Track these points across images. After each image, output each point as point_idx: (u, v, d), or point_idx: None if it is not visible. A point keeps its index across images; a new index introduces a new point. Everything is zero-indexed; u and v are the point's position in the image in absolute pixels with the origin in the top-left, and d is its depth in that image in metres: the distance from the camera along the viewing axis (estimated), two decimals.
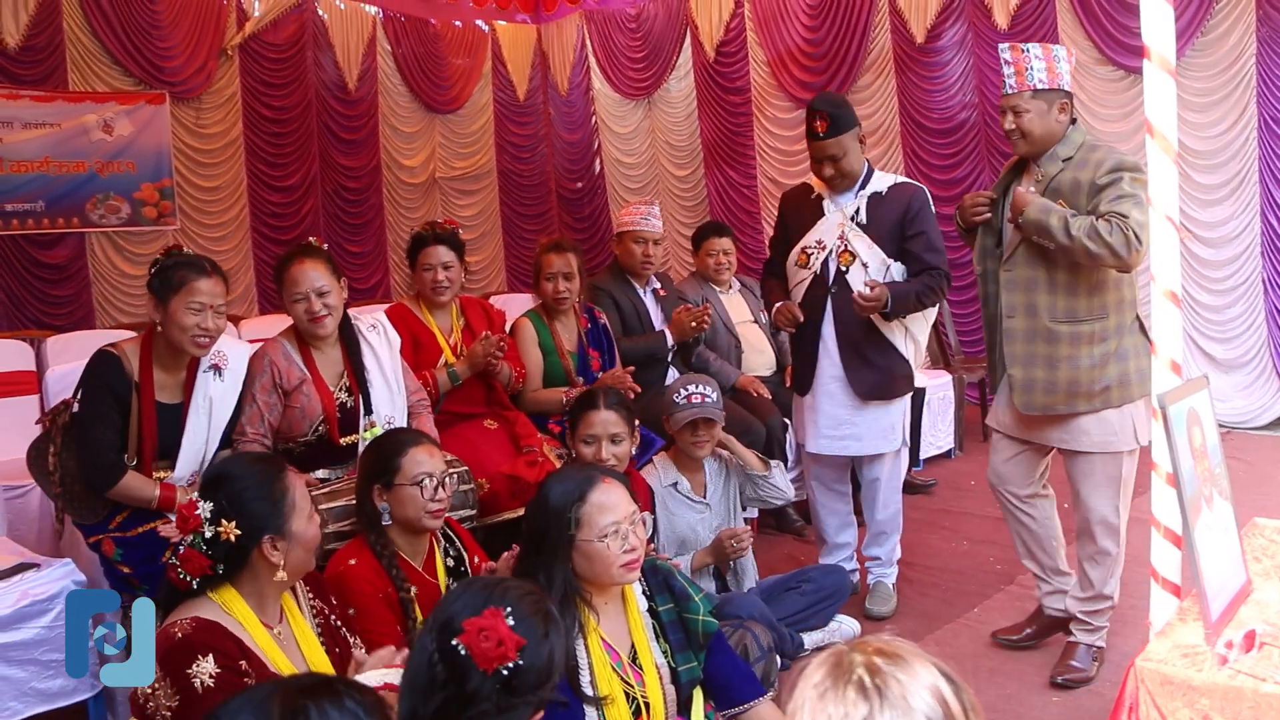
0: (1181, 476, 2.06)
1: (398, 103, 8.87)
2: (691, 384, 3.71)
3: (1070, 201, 3.16)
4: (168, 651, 1.95)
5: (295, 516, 2.17)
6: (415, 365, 3.81)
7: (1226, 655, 1.94)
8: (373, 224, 8.77)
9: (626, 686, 2.29)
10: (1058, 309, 3.21)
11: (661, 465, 3.78)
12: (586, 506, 2.31)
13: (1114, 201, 3.08)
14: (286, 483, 2.19)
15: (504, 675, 1.63)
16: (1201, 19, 6.29)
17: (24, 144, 6.73)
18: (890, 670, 1.17)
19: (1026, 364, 3.27)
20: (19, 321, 6.75)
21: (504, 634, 1.63)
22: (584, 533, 2.30)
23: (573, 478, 2.40)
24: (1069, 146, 3.23)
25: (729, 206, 8.71)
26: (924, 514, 5.13)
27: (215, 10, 7.65)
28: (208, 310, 3.10)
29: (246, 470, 2.21)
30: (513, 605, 1.68)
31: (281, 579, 2.15)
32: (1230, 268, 6.45)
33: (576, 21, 9.56)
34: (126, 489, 3.08)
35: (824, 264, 3.82)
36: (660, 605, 2.47)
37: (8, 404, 4.43)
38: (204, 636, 2.00)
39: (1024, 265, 3.26)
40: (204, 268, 3.15)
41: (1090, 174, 3.15)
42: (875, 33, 7.76)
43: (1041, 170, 3.26)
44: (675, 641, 2.44)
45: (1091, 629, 3.37)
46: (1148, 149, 2.26)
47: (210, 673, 1.94)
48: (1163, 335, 2.30)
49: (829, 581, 3.68)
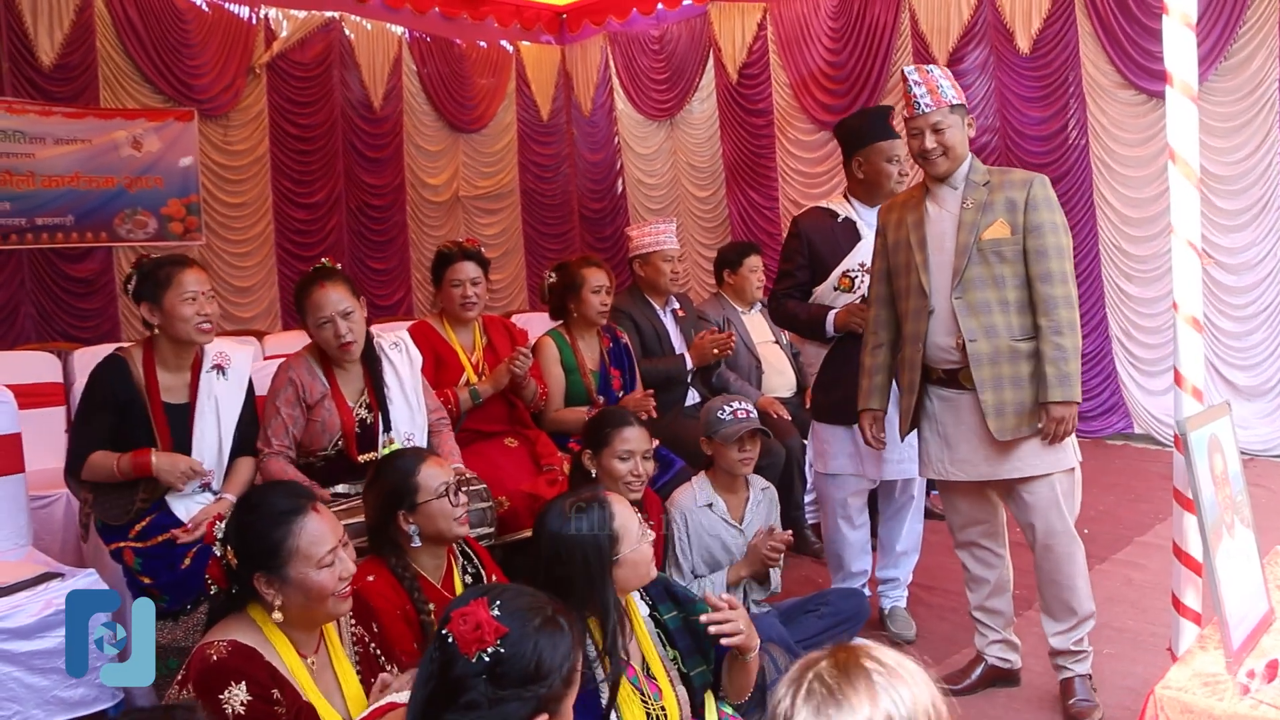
0: (1202, 503, 2.06)
1: (422, 122, 8.94)
2: (734, 401, 3.67)
3: (1010, 220, 3.16)
4: (202, 674, 1.97)
5: (297, 562, 2.09)
6: (437, 383, 3.84)
7: (1248, 685, 1.93)
8: (396, 241, 8.82)
9: (644, 700, 2.28)
10: (1014, 327, 3.17)
11: (698, 485, 3.72)
12: (618, 521, 2.33)
13: (1038, 260, 3.14)
14: (296, 528, 2.12)
15: (486, 662, 1.60)
16: (1225, 44, 6.28)
17: (56, 159, 6.82)
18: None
19: (995, 387, 3.18)
20: (47, 334, 6.82)
21: (483, 619, 1.61)
22: (624, 547, 2.32)
23: (591, 514, 2.35)
24: (980, 172, 3.26)
25: (750, 228, 8.71)
26: (942, 537, 5.05)
27: (244, 30, 7.74)
28: (201, 297, 3.23)
29: (266, 504, 2.18)
30: (503, 599, 1.67)
31: (278, 619, 2.09)
32: (1252, 294, 6.40)
33: (600, 43, 9.62)
34: (93, 465, 3.21)
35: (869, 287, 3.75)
36: (665, 613, 2.47)
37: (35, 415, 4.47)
38: (239, 662, 2.00)
39: (976, 289, 3.20)
40: (185, 261, 3.29)
41: (1019, 193, 3.17)
42: (897, 55, 7.77)
43: (969, 197, 3.23)
44: (685, 647, 2.44)
45: (1081, 656, 3.28)
46: (1170, 174, 2.28)
47: (242, 700, 1.95)
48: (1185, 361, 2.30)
49: (847, 605, 3.66)
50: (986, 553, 3.44)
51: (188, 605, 3.07)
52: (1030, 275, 3.15)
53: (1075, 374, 3.09)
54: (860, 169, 3.89)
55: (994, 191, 3.21)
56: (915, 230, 3.31)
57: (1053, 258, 3.12)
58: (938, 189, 3.30)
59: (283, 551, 2.09)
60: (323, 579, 2.10)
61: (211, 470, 3.31)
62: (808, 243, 3.92)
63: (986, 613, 3.47)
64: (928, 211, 3.31)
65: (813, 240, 3.92)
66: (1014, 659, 3.48)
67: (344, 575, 2.14)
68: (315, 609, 2.12)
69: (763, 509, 3.75)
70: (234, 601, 2.14)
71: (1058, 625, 3.30)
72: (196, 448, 3.29)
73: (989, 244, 3.18)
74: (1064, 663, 3.30)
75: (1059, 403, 3.08)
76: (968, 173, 3.26)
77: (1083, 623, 3.28)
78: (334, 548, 2.14)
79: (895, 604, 4.10)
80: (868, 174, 3.88)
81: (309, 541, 2.11)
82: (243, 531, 2.13)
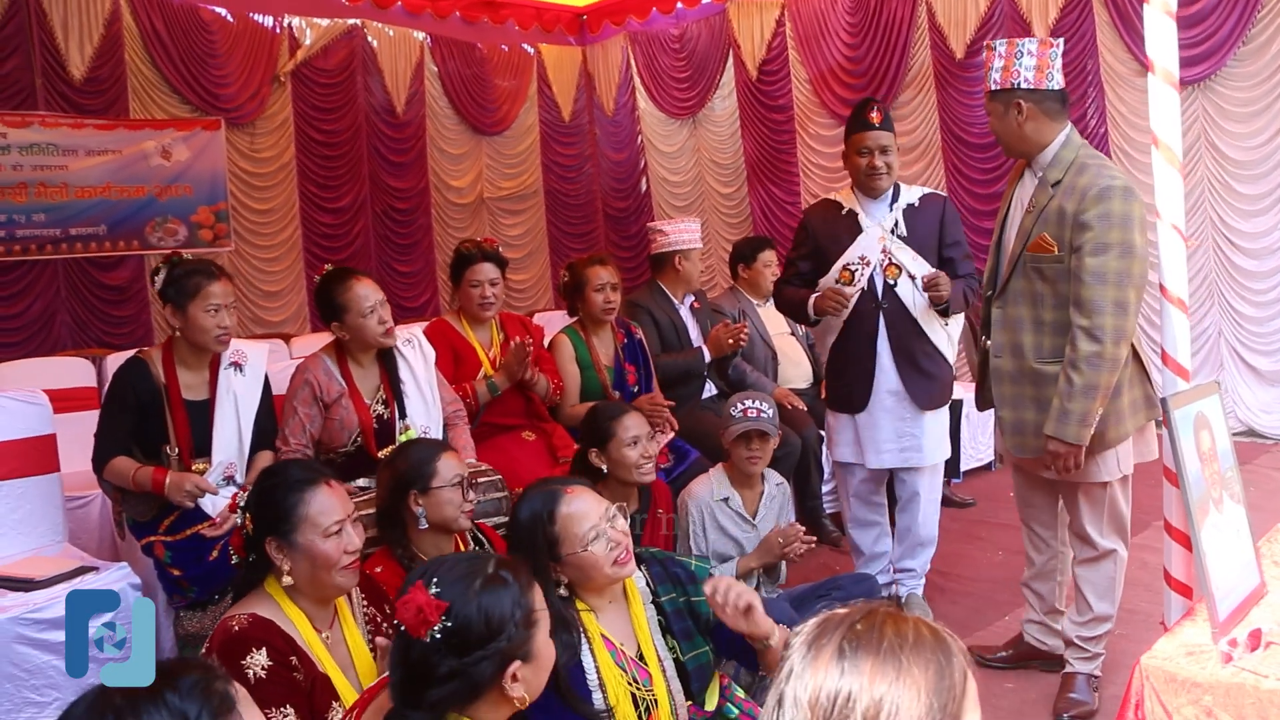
0: (1187, 478, 2.11)
1: (445, 125, 9.05)
2: (750, 399, 3.73)
3: (1055, 235, 2.98)
4: (225, 643, 2.09)
5: (305, 529, 2.19)
6: (455, 378, 3.93)
7: (1231, 653, 1.98)
8: (421, 244, 8.94)
9: (632, 685, 2.29)
10: (1043, 348, 3.06)
11: (715, 478, 3.77)
12: (558, 524, 2.30)
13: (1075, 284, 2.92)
14: (306, 495, 2.23)
15: (440, 638, 1.68)
16: (1243, 30, 6.27)
17: (88, 170, 6.97)
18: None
19: (1015, 405, 3.14)
20: (83, 341, 6.99)
21: (422, 601, 1.69)
22: (566, 546, 2.29)
23: (537, 497, 2.37)
24: (1058, 169, 3.02)
25: (772, 223, 8.77)
26: (962, 525, 5.16)
27: (268, 39, 7.89)
28: (224, 309, 3.36)
29: (282, 474, 2.32)
30: (439, 573, 1.74)
31: (287, 584, 2.21)
32: (1273, 279, 6.39)
33: (621, 43, 9.71)
34: (113, 469, 3.34)
35: (870, 279, 3.83)
36: (663, 595, 2.45)
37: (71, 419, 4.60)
38: (259, 632, 2.11)
39: (1013, 304, 3.12)
40: (213, 272, 3.41)
41: (1074, 204, 2.94)
42: (915, 49, 7.82)
43: (1037, 196, 3.07)
44: (681, 630, 2.41)
45: (1089, 656, 3.27)
46: (1153, 160, 2.32)
47: (263, 665, 2.06)
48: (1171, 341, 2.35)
49: (859, 590, 3.70)
50: (1037, 537, 3.47)
51: (215, 596, 3.19)
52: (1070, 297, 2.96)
53: (1077, 413, 2.90)
54: (846, 162, 3.96)
55: (1059, 196, 2.98)
56: (1002, 218, 3.23)
57: (1090, 283, 2.87)
58: (1025, 171, 3.17)
59: (293, 517, 2.21)
60: (328, 548, 2.20)
61: (233, 463, 3.44)
62: (813, 235, 3.98)
63: (1031, 591, 3.52)
64: (1013, 198, 3.21)
65: (817, 232, 3.97)
66: (1051, 643, 3.48)
67: (349, 549, 2.24)
68: (322, 577, 2.22)
69: (776, 504, 3.81)
70: (253, 574, 2.26)
71: (1076, 615, 3.33)
72: (217, 441, 3.42)
73: (1030, 258, 3.05)
74: (1071, 655, 3.32)
75: (1053, 437, 2.97)
76: (1049, 163, 3.04)
77: (1096, 621, 3.27)
78: (341, 520, 2.24)
79: (912, 591, 4.15)
80: (847, 167, 3.95)
81: (318, 510, 2.22)
82: (260, 497, 2.27)
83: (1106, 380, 2.89)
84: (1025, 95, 3.00)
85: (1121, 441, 3.08)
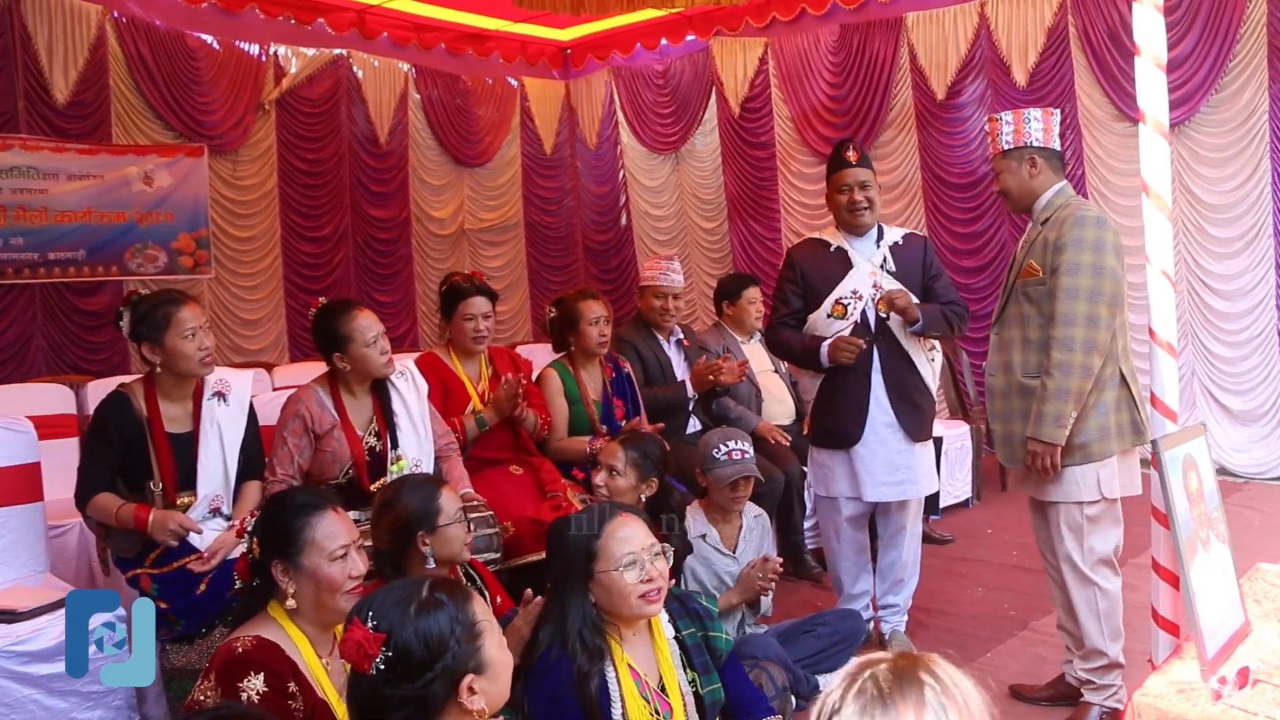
0: (1176, 519, 2.15)
1: (427, 156, 9.07)
2: (730, 439, 3.78)
3: (1040, 261, 3.26)
4: (226, 664, 2.11)
5: (311, 552, 2.25)
6: (444, 412, 3.94)
7: (1220, 690, 2.01)
8: (402, 274, 8.94)
9: (654, 717, 2.37)
10: (1029, 364, 3.28)
11: (692, 515, 3.82)
12: (604, 539, 2.43)
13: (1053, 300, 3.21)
14: (313, 519, 2.28)
15: (384, 669, 1.71)
16: (1215, 77, 6.41)
17: (69, 195, 6.93)
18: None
19: (1005, 419, 3.36)
20: (58, 367, 6.92)
21: (360, 636, 1.72)
22: (601, 564, 2.41)
23: (595, 510, 2.53)
24: (1047, 209, 3.34)
25: (752, 258, 8.84)
26: (941, 561, 5.19)
27: (253, 67, 7.89)
28: (200, 331, 3.36)
29: (289, 500, 2.36)
30: (375, 606, 1.77)
31: (291, 607, 2.24)
32: (1246, 320, 6.52)
33: (605, 77, 9.78)
34: (96, 505, 3.31)
35: (862, 314, 3.89)
36: (684, 630, 2.56)
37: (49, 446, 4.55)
38: (261, 655, 2.13)
39: (1007, 327, 3.39)
40: (177, 298, 3.41)
41: (1054, 232, 3.24)
42: (897, 89, 7.93)
43: (1030, 235, 3.38)
44: (700, 665, 2.52)
45: (1097, 688, 3.33)
46: (1144, 207, 2.38)
47: (258, 689, 2.08)
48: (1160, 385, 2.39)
49: (844, 626, 3.74)
50: (1051, 568, 3.51)
51: (203, 629, 3.16)
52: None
53: (1051, 414, 3.15)
54: (829, 202, 4.05)
55: (1046, 229, 3.29)
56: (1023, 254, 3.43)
57: (1063, 299, 3.16)
58: (1029, 224, 3.46)
59: (299, 540, 2.25)
60: (333, 572, 2.25)
61: (219, 495, 3.42)
62: (801, 272, 4.02)
63: (1064, 632, 3.53)
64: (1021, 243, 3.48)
65: (805, 269, 4.02)
66: None
67: (354, 574, 2.28)
68: (325, 600, 2.25)
69: (755, 536, 3.85)
70: (255, 599, 2.28)
71: (1076, 648, 3.40)
72: (202, 474, 3.40)
73: (1020, 284, 3.34)
74: (1083, 686, 3.39)
75: (1031, 438, 3.21)
76: (1042, 208, 3.36)
77: (1096, 655, 3.32)
78: (347, 545, 2.29)
79: (895, 628, 4.16)
80: (830, 207, 4.04)
81: (324, 535, 2.27)
82: (267, 521, 2.31)
83: (1078, 385, 3.14)
84: (1037, 151, 3.35)
85: (1104, 459, 3.23)
